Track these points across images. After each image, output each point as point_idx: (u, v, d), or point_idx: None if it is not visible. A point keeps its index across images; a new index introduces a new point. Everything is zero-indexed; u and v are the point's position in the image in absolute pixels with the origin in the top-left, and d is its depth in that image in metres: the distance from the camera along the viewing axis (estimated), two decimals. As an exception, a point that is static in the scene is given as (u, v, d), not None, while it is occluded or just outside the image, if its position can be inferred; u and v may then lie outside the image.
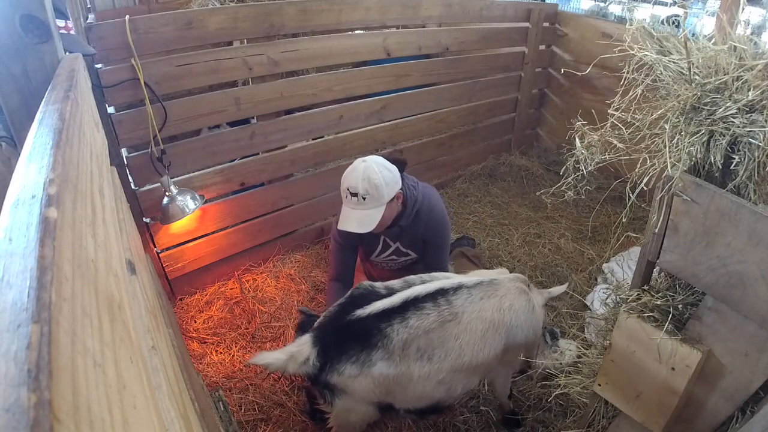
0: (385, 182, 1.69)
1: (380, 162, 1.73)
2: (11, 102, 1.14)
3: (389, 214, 1.80)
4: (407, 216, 1.88)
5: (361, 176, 1.68)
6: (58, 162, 0.60)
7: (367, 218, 1.72)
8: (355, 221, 1.72)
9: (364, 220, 1.72)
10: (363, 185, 1.68)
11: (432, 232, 1.97)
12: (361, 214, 1.72)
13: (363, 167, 1.69)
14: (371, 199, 1.69)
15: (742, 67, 0.95)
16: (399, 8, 2.72)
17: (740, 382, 1.11)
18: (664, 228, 1.12)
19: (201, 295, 2.54)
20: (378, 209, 1.72)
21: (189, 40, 2.06)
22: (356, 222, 1.72)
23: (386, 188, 1.70)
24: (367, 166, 1.69)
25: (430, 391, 1.48)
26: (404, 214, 1.88)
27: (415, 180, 1.96)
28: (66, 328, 0.39)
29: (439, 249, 2.02)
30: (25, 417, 0.29)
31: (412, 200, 1.87)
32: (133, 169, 2.11)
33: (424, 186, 1.98)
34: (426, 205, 1.92)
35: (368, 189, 1.68)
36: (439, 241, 2.00)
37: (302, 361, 1.40)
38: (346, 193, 1.72)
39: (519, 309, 1.56)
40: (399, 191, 1.79)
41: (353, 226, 1.72)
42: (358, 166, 1.71)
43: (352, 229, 1.71)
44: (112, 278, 0.71)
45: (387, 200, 1.73)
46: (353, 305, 1.48)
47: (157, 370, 0.92)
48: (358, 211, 1.72)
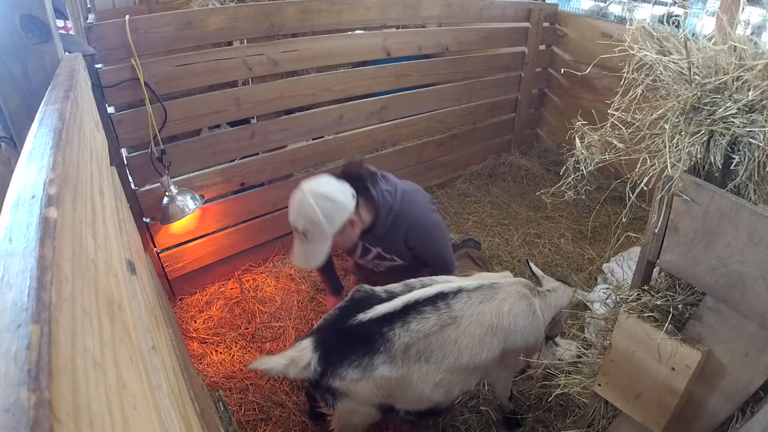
0: (325, 216, 1.55)
1: (320, 192, 1.56)
2: (11, 102, 1.14)
3: (345, 239, 1.67)
4: (381, 225, 1.74)
5: (296, 211, 1.56)
6: (58, 162, 0.60)
7: (312, 254, 1.62)
8: (302, 256, 1.64)
9: (310, 256, 1.62)
10: (301, 222, 1.56)
11: (418, 239, 1.82)
12: (307, 250, 1.61)
13: (299, 200, 1.56)
14: (313, 236, 1.58)
15: (742, 67, 0.95)
16: (399, 8, 2.72)
17: (740, 382, 1.11)
18: (664, 228, 1.12)
19: (201, 295, 2.54)
20: (323, 244, 1.60)
21: (189, 40, 2.06)
22: (303, 257, 1.64)
23: (327, 222, 1.55)
24: (302, 201, 1.55)
25: (428, 393, 1.48)
26: (377, 224, 1.73)
27: (395, 183, 1.80)
28: (66, 328, 0.39)
29: (436, 253, 1.88)
30: (25, 417, 0.29)
31: (386, 208, 1.72)
32: (133, 169, 2.11)
33: (405, 190, 1.81)
34: (405, 212, 1.76)
35: (306, 226, 1.56)
36: (430, 247, 1.87)
37: (303, 365, 1.39)
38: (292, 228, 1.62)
39: (519, 313, 1.56)
40: (351, 216, 1.62)
41: (301, 262, 1.65)
42: (296, 198, 1.57)
43: (300, 264, 1.62)
44: (112, 278, 0.71)
45: (333, 232, 1.60)
46: (354, 309, 1.47)
47: (157, 370, 0.92)
48: (304, 246, 1.61)
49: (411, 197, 1.81)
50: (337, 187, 1.62)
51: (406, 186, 1.85)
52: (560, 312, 1.74)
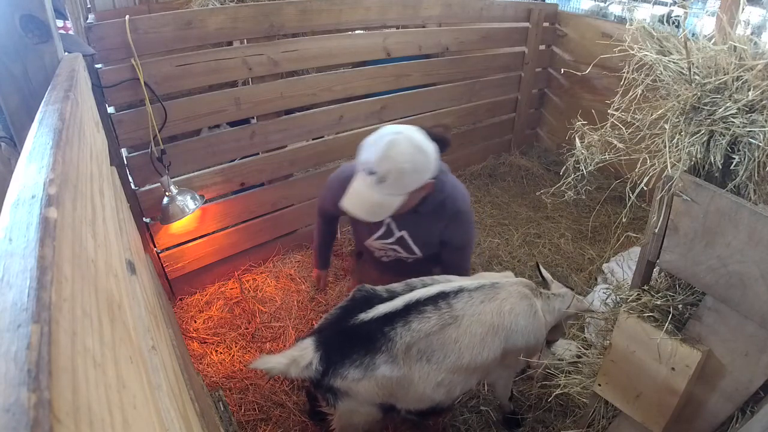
0: (414, 168, 1.34)
1: (416, 140, 1.35)
2: (11, 102, 1.14)
3: (408, 204, 1.44)
4: (430, 203, 1.53)
5: (383, 153, 1.32)
6: (58, 162, 0.60)
7: (380, 207, 1.39)
8: (368, 206, 1.39)
9: (375, 209, 1.39)
10: (384, 165, 1.32)
11: (456, 232, 1.64)
12: (376, 199, 1.37)
13: (389, 142, 1.32)
14: (390, 185, 1.34)
15: (742, 67, 0.95)
16: (399, 8, 2.72)
17: (740, 382, 1.11)
18: (664, 228, 1.12)
19: (201, 295, 2.54)
20: (396, 198, 1.38)
21: (189, 40, 2.06)
22: (368, 207, 1.39)
23: (413, 176, 1.35)
24: (396, 142, 1.32)
25: (430, 392, 1.48)
26: (427, 199, 1.51)
27: (447, 166, 1.62)
28: (66, 328, 0.39)
29: (463, 253, 1.73)
30: (25, 417, 0.29)
31: (439, 187, 1.52)
32: (133, 169, 2.11)
33: (455, 180, 1.64)
34: (453, 198, 1.57)
35: (390, 171, 1.32)
36: (463, 244, 1.70)
37: (305, 365, 1.38)
38: (363, 167, 1.37)
39: (519, 313, 1.55)
40: (429, 181, 1.42)
41: (360, 211, 1.40)
42: (383, 137, 1.33)
43: (359, 214, 1.39)
44: (112, 278, 0.71)
45: (410, 190, 1.38)
46: (356, 309, 1.47)
47: (157, 370, 0.92)
48: (371, 193, 1.37)
49: (460, 186, 1.65)
50: (430, 144, 1.42)
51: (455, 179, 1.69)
52: (564, 318, 1.74)
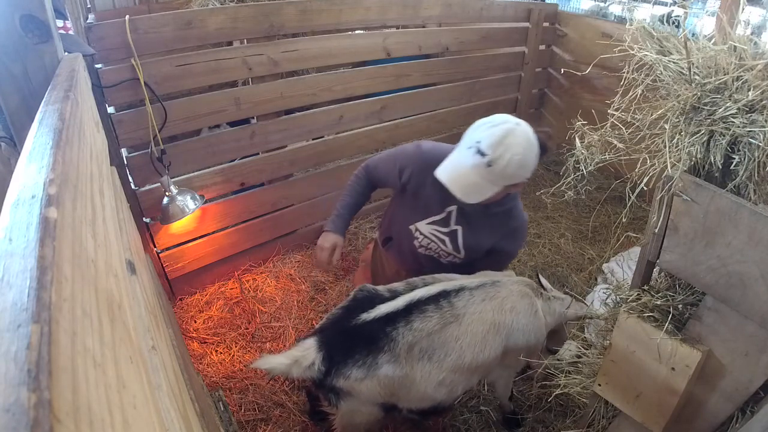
0: (524, 163, 1.34)
1: (531, 136, 1.36)
2: (11, 102, 1.14)
3: (494, 197, 1.43)
4: (501, 205, 1.55)
5: (501, 138, 1.31)
6: (58, 162, 0.60)
7: (476, 188, 1.36)
8: (463, 183, 1.36)
9: (472, 189, 1.36)
10: (499, 150, 1.30)
11: (509, 244, 1.66)
12: (474, 180, 1.35)
13: (509, 129, 1.32)
14: (496, 172, 1.33)
15: (742, 67, 0.95)
16: (399, 8, 2.72)
17: (740, 382, 1.11)
18: (664, 228, 1.12)
19: (201, 295, 2.54)
20: (494, 186, 1.37)
21: (189, 40, 2.06)
22: (465, 185, 1.36)
23: (519, 170, 1.35)
24: (516, 132, 1.32)
25: (431, 392, 1.48)
26: (503, 201, 1.53)
27: None
28: (66, 328, 0.39)
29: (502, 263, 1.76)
30: (25, 417, 0.29)
31: (514, 194, 1.57)
32: (133, 169, 2.11)
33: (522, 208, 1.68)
34: (519, 210, 1.63)
35: (502, 156, 1.30)
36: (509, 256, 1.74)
37: (307, 365, 1.38)
38: (473, 145, 1.34)
39: (520, 311, 1.56)
40: (524, 181, 1.43)
41: (455, 186, 1.36)
42: (503, 124, 1.33)
43: (453, 188, 1.36)
44: (112, 278, 0.71)
45: (510, 183, 1.38)
46: (357, 309, 1.47)
47: (157, 370, 0.92)
48: (474, 173, 1.34)
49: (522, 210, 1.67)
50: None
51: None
52: (564, 322, 1.74)
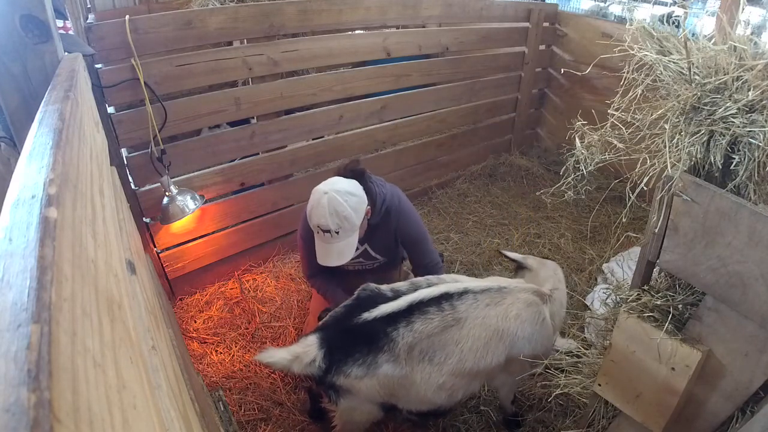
0: (353, 209, 1.62)
1: (342, 189, 1.63)
2: (11, 102, 1.14)
3: (362, 230, 1.75)
4: (376, 213, 1.81)
5: (328, 212, 1.59)
6: (58, 162, 0.60)
7: (345, 248, 1.67)
8: (335, 255, 1.67)
9: (344, 251, 1.67)
10: (333, 221, 1.60)
11: (407, 229, 1.90)
12: (339, 247, 1.67)
13: (327, 202, 1.59)
14: (344, 231, 1.63)
15: (742, 67, 0.95)
16: (399, 8, 2.72)
17: (740, 382, 1.11)
18: (664, 228, 1.12)
19: (201, 295, 2.54)
20: (353, 236, 1.67)
21: (189, 40, 2.06)
22: (336, 255, 1.67)
23: (356, 214, 1.63)
24: (331, 199, 1.59)
25: (431, 395, 1.48)
26: (373, 212, 1.80)
27: (381, 179, 1.91)
28: (66, 328, 0.39)
29: (422, 245, 1.95)
30: (25, 417, 0.29)
31: (381, 197, 1.81)
32: (133, 169, 2.11)
33: (391, 186, 1.93)
34: (395, 202, 1.86)
35: (339, 223, 1.61)
36: (418, 237, 1.94)
37: (308, 362, 1.40)
38: (318, 230, 1.66)
39: (526, 320, 1.53)
40: (367, 208, 1.71)
41: (334, 260, 1.67)
42: (321, 201, 1.60)
43: (334, 263, 1.67)
44: (112, 278, 0.71)
45: (359, 224, 1.67)
46: (360, 308, 1.48)
47: (157, 370, 0.92)
48: (335, 244, 1.66)
49: (397, 191, 1.93)
50: (349, 182, 1.69)
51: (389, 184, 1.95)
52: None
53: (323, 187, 1.64)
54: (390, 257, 2.00)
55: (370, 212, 1.79)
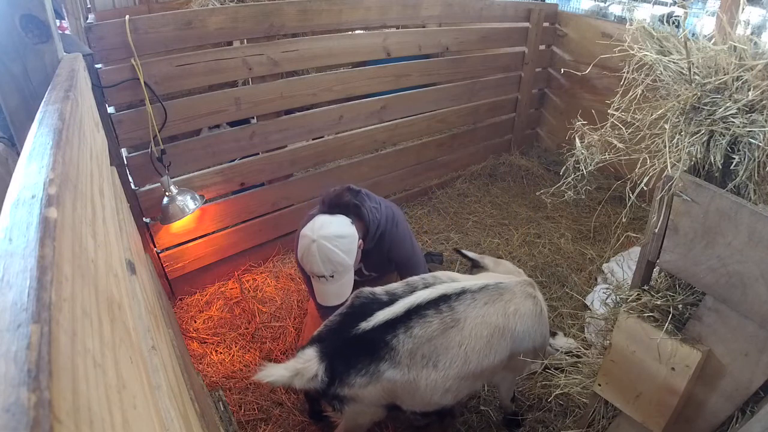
0: (345, 251, 1.62)
1: (330, 234, 1.61)
2: (11, 102, 1.14)
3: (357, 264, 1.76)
4: (370, 239, 1.83)
5: (319, 260, 1.60)
6: (58, 162, 0.60)
7: (342, 288, 1.67)
8: (333, 296, 1.67)
9: (341, 291, 1.67)
10: (327, 268, 1.61)
11: (399, 252, 1.93)
12: (336, 287, 1.67)
13: (316, 250, 1.59)
14: (339, 274, 1.64)
15: (742, 67, 0.95)
16: (399, 8, 2.72)
17: (740, 382, 1.11)
18: (664, 228, 1.12)
19: (201, 295, 2.54)
20: (349, 275, 1.68)
21: (189, 40, 2.06)
22: (334, 296, 1.67)
23: (348, 256, 1.63)
24: (320, 247, 1.59)
25: (438, 398, 1.47)
26: (367, 237, 1.82)
27: (378, 200, 1.91)
28: (66, 328, 0.39)
29: (412, 263, 1.97)
30: (25, 417, 0.29)
31: (375, 224, 1.81)
32: (133, 169, 2.11)
33: (388, 206, 1.93)
34: (390, 227, 1.88)
35: (333, 268, 1.62)
36: (408, 255, 1.96)
37: (310, 377, 1.37)
38: (312, 275, 1.67)
39: (525, 313, 1.53)
40: (360, 242, 1.72)
41: (333, 300, 1.66)
42: (311, 249, 1.60)
43: (333, 303, 1.66)
44: (112, 278, 0.71)
45: (353, 262, 1.67)
46: (356, 317, 1.45)
47: (157, 370, 0.92)
48: (331, 286, 1.66)
49: (394, 212, 1.93)
50: (338, 221, 1.68)
51: (386, 202, 1.96)
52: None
53: (310, 233, 1.61)
54: (383, 272, 2.05)
55: (363, 243, 1.80)
